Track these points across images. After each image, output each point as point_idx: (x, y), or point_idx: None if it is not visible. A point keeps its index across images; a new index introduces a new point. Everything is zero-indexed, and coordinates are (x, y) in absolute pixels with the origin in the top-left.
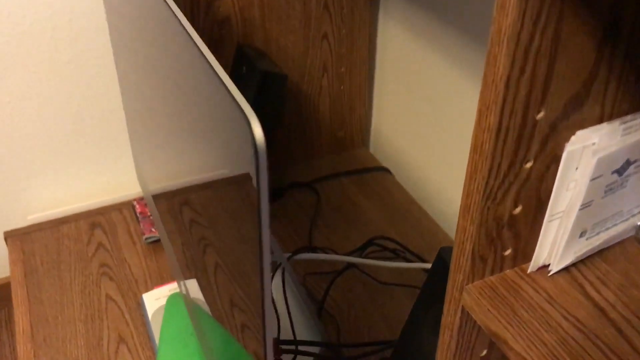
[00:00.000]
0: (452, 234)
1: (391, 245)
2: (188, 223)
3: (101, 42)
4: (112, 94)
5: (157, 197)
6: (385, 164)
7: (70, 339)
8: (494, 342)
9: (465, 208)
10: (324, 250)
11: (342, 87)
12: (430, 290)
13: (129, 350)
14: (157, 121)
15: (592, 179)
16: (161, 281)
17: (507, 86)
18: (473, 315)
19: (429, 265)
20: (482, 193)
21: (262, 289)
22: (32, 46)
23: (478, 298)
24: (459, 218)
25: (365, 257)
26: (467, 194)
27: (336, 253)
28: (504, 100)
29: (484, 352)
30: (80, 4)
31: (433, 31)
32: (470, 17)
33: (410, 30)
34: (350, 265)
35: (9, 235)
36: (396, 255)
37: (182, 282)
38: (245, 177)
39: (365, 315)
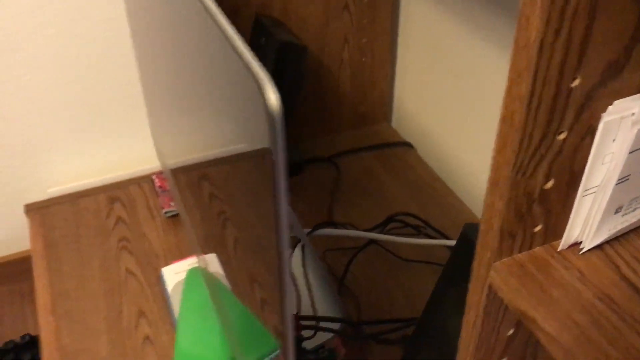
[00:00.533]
0: (476, 210)
1: (413, 221)
2: (207, 197)
3: (117, 14)
4: (131, 68)
5: (175, 171)
6: (407, 139)
7: (91, 312)
8: (521, 322)
9: (493, 182)
10: (344, 226)
11: (363, 60)
12: (454, 268)
13: (149, 323)
14: (175, 95)
15: (631, 152)
16: (180, 255)
17: (540, 51)
18: (500, 294)
19: (452, 242)
20: (511, 166)
21: (280, 264)
22: (47, 18)
23: (506, 276)
24: (486, 193)
25: (387, 233)
26: (495, 167)
27: (357, 229)
28: (537, 66)
29: (511, 332)
30: None
31: (458, 5)
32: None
33: (435, 2)
34: (371, 242)
35: (30, 209)
36: (418, 232)
37: (201, 257)
38: (264, 151)
39: (385, 292)
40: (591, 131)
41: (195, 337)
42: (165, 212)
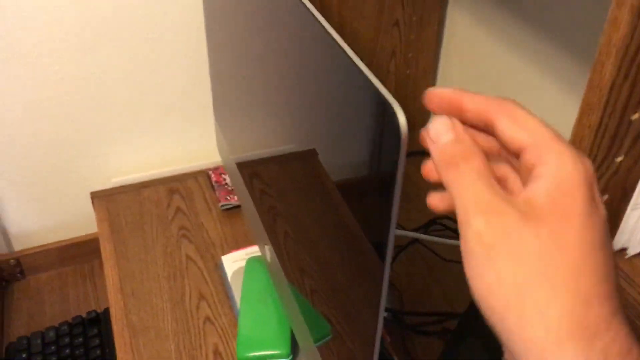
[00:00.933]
0: None
1: (453, 225)
2: (277, 191)
3: (187, 20)
4: (193, 69)
5: (243, 165)
6: None
7: (156, 293)
8: None
9: None
10: None
11: (408, 72)
12: None
13: (209, 305)
14: (265, 95)
15: None
16: (236, 246)
17: (610, 90)
18: None
19: None
20: None
21: (385, 265)
22: (123, 21)
23: None
24: None
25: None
26: None
27: (403, 229)
28: (607, 102)
29: None
30: None
31: (502, 22)
32: (543, 10)
33: (479, 20)
34: (413, 242)
35: (95, 196)
36: (457, 235)
37: (264, 247)
38: (388, 163)
39: (425, 289)
40: None
41: (256, 322)
42: (222, 206)
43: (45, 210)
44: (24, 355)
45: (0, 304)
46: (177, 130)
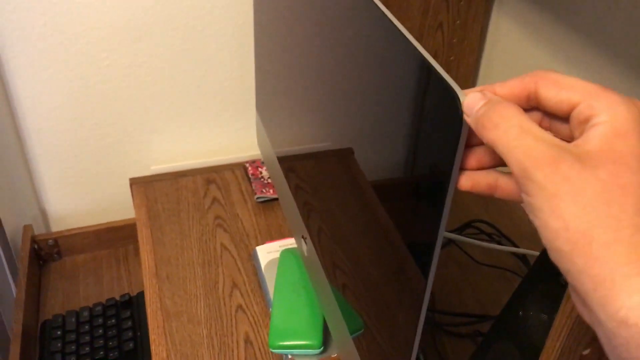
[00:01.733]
0: None
1: (488, 229)
2: (314, 186)
3: (232, 14)
4: (235, 63)
5: (284, 159)
6: None
7: (190, 279)
8: None
9: None
10: None
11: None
12: (540, 270)
13: (242, 294)
14: (308, 89)
15: None
16: (269, 237)
17: None
18: None
19: (525, 251)
20: None
21: (431, 265)
22: (171, 13)
23: None
24: None
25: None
26: None
27: None
28: None
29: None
30: None
31: (548, 30)
32: (588, 21)
33: (523, 27)
34: (447, 244)
35: (134, 182)
36: (491, 239)
37: (302, 239)
38: (444, 153)
39: (457, 291)
40: None
41: (288, 312)
42: (257, 198)
43: (84, 194)
44: (59, 333)
45: (37, 282)
46: (216, 122)
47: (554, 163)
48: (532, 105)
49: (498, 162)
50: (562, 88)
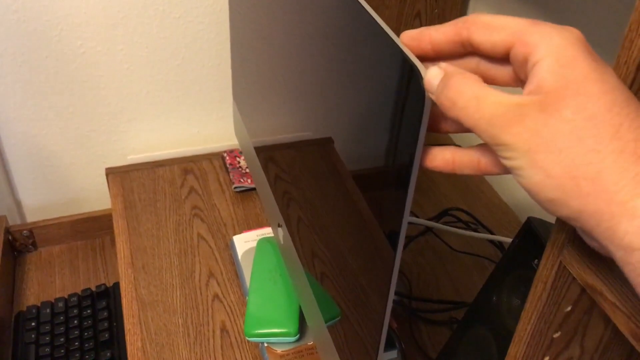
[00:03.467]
0: (520, 213)
1: (464, 217)
2: (291, 175)
3: (210, 2)
4: (213, 52)
5: (261, 149)
6: (458, 143)
7: (166, 269)
8: (579, 300)
9: None
10: None
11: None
12: (513, 256)
13: (218, 283)
14: (283, 78)
15: None
16: (247, 227)
17: (638, 68)
18: (571, 270)
19: (502, 238)
20: None
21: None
22: (148, 0)
23: (578, 255)
24: None
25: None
26: None
27: (417, 217)
28: (633, 80)
29: (568, 309)
30: None
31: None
32: (565, 8)
33: (501, 13)
34: (424, 232)
35: (110, 172)
36: (468, 227)
37: (278, 228)
38: (408, 131)
39: (434, 278)
40: None
41: (265, 300)
42: (235, 188)
43: (59, 184)
44: (33, 324)
45: (11, 274)
46: (194, 111)
47: (519, 122)
48: (468, 51)
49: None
50: (493, 30)
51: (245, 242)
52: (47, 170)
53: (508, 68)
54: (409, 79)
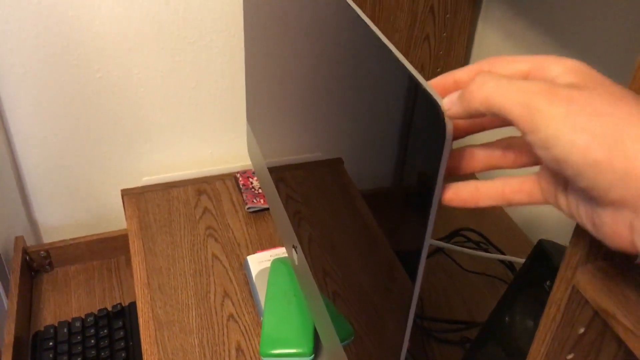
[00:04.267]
0: (530, 233)
1: (475, 237)
2: (305, 195)
3: (224, 26)
4: (226, 75)
5: (274, 169)
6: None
7: (182, 289)
8: (592, 322)
9: None
10: None
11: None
12: (525, 277)
13: (233, 303)
14: (298, 100)
15: None
16: (260, 247)
17: None
18: (584, 293)
19: (513, 259)
20: None
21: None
22: (163, 25)
23: (590, 278)
24: None
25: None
26: None
27: None
28: None
29: (582, 330)
30: None
31: (532, 41)
32: (572, 30)
33: (507, 39)
34: (435, 252)
35: (125, 193)
36: (478, 247)
37: (292, 248)
38: (429, 164)
39: (446, 298)
40: None
41: (280, 321)
42: (248, 208)
43: (76, 205)
44: (51, 344)
45: (29, 294)
46: (207, 133)
47: (552, 91)
48: None
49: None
50: (513, 62)
51: (259, 263)
52: (63, 192)
53: None
54: (430, 112)
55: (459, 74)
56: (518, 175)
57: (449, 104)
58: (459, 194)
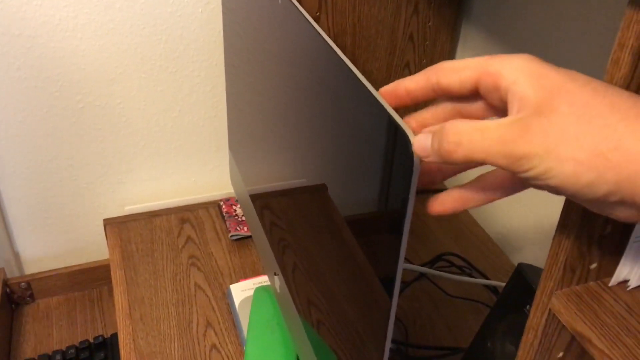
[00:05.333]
0: (511, 255)
1: (458, 262)
2: (288, 223)
3: (205, 56)
4: (208, 104)
5: (256, 197)
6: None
7: (164, 319)
8: (570, 346)
9: (563, 225)
10: None
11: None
12: (505, 302)
13: (216, 333)
14: (277, 128)
15: None
16: (244, 275)
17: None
18: (560, 318)
19: (496, 283)
20: (580, 213)
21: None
22: (145, 55)
23: (566, 302)
24: (555, 233)
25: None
26: (566, 213)
27: (411, 263)
28: None
29: (560, 354)
30: (192, 22)
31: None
32: (551, 57)
33: None
34: (418, 278)
35: (108, 223)
36: (462, 272)
37: (274, 276)
38: (397, 193)
39: (430, 324)
40: None
41: (262, 350)
42: (231, 236)
43: (57, 236)
44: None
45: (9, 326)
46: (190, 162)
47: (526, 130)
48: (439, 95)
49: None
50: (458, 71)
51: (242, 291)
52: (45, 222)
53: (479, 102)
54: (397, 141)
55: (408, 84)
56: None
57: (424, 152)
58: (445, 204)
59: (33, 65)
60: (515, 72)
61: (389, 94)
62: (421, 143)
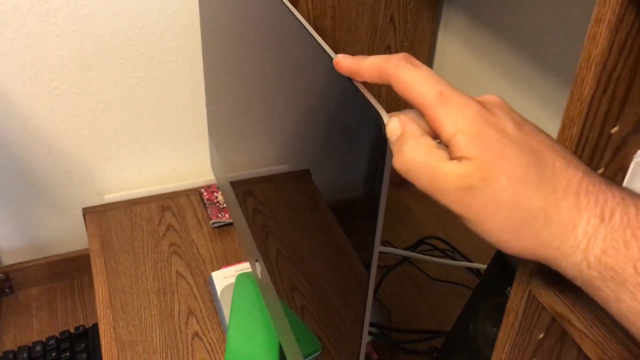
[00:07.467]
0: None
1: (441, 245)
2: (270, 209)
3: (183, 41)
4: (187, 89)
5: (237, 183)
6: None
7: (145, 308)
8: (550, 327)
9: None
10: (382, 243)
11: (399, 96)
12: (487, 284)
13: (198, 321)
14: (256, 113)
15: None
16: (226, 262)
17: (590, 103)
18: (540, 299)
19: (479, 265)
20: None
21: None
22: (121, 41)
23: (545, 284)
24: None
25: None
26: None
27: (394, 247)
28: (587, 114)
29: (541, 335)
30: (168, 6)
31: (490, 49)
32: (531, 38)
33: (468, 47)
34: (402, 262)
35: (87, 212)
36: (445, 255)
37: (256, 263)
38: (374, 170)
39: (413, 308)
40: (623, 169)
41: (244, 337)
42: (213, 223)
43: (36, 226)
44: None
45: None
46: (170, 148)
47: (468, 194)
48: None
49: None
50: (408, 93)
51: (224, 278)
52: (23, 212)
53: None
54: (371, 124)
55: (364, 75)
56: None
57: (389, 136)
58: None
59: (5, 52)
60: (454, 128)
61: (348, 71)
62: (390, 133)
